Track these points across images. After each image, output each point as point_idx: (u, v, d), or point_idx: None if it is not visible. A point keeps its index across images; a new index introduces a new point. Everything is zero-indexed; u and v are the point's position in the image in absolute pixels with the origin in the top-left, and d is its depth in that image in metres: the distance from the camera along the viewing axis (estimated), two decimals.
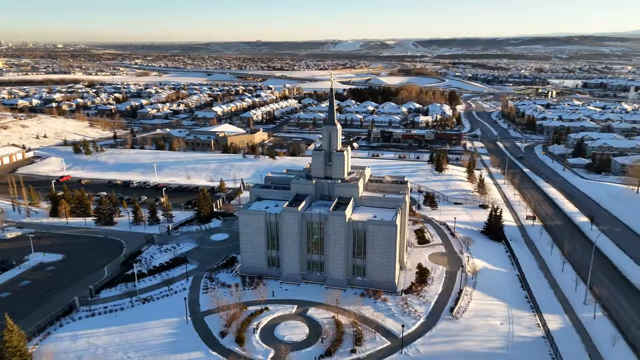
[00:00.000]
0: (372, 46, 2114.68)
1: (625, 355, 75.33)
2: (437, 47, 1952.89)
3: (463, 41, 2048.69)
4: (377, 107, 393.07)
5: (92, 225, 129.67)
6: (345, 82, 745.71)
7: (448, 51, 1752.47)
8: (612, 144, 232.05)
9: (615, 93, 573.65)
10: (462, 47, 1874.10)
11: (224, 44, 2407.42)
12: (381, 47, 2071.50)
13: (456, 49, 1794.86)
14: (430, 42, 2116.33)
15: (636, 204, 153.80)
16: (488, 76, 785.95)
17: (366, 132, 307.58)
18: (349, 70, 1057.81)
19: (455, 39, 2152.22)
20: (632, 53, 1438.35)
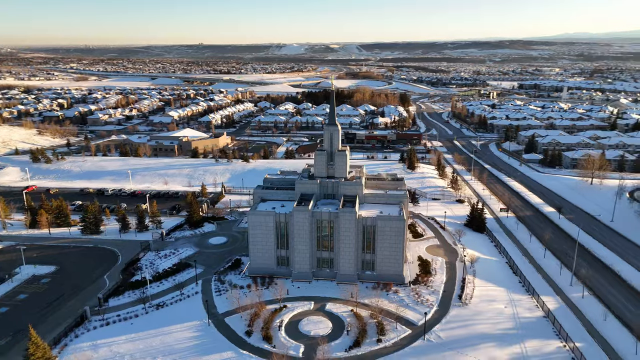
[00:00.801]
0: (317, 50, 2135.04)
1: (617, 328, 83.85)
2: (379, 51, 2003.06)
3: (404, 45, 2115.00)
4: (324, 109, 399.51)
5: (77, 234, 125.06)
6: (296, 86, 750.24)
7: (390, 55, 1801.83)
8: (560, 140, 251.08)
9: (549, 93, 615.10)
10: (403, 50, 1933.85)
11: (165, 47, 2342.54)
12: (326, 50, 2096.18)
13: (398, 53, 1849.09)
14: (373, 46, 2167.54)
15: (591, 194, 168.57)
16: (432, 79, 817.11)
17: None
18: (297, 74, 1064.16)
19: (396, 43, 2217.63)
20: (557, 56, 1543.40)
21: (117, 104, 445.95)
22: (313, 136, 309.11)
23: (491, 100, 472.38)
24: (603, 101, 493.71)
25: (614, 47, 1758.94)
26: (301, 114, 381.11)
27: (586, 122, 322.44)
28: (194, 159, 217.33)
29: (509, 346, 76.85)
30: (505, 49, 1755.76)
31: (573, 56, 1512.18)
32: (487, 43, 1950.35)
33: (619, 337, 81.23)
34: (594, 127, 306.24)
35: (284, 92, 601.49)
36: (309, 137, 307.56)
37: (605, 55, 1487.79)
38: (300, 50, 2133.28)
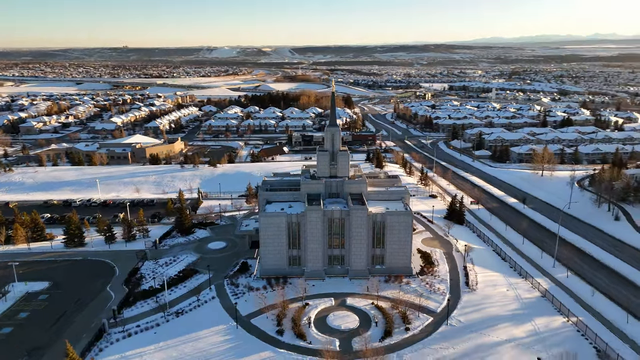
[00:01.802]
0: (250, 53, 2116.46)
1: (605, 303, 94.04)
2: (312, 54, 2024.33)
3: (336, 49, 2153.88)
4: (283, 112, 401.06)
5: (60, 248, 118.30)
6: (235, 89, 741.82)
7: (323, 58, 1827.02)
8: (504, 137, 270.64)
9: (478, 94, 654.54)
10: (335, 54, 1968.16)
11: (85, 50, 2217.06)
12: (258, 54, 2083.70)
13: (330, 56, 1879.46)
14: (305, 50, 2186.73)
15: (543, 184, 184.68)
16: (368, 81, 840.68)
17: (285, 136, 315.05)
18: (233, 77, 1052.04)
19: (328, 46, 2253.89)
20: (477, 59, 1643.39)
21: (49, 110, 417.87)
22: (268, 139, 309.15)
23: (427, 102, 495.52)
24: (525, 101, 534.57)
25: (526, 50, 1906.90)
26: (252, 117, 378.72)
27: (520, 120, 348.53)
28: (158, 166, 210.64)
29: (521, 324, 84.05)
30: (431, 53, 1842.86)
31: (491, 59, 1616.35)
32: (414, 47, 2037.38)
33: (608, 309, 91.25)
34: (528, 125, 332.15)
35: (226, 96, 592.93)
36: (264, 140, 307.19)
37: (520, 58, 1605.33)
38: (232, 53, 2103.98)
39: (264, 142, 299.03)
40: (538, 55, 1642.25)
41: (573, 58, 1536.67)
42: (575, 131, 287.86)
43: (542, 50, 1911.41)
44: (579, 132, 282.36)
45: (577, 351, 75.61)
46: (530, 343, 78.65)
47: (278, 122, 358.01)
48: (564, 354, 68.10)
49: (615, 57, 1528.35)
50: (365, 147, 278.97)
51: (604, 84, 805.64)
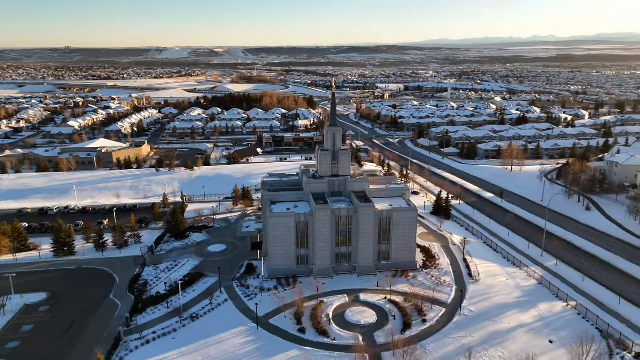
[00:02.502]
0: (201, 54, 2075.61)
1: (595, 287, 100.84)
2: (265, 55, 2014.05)
3: (289, 50, 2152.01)
4: (247, 114, 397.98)
5: (49, 258, 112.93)
6: (191, 90, 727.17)
7: (277, 59, 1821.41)
8: (469, 134, 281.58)
9: (433, 94, 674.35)
10: (289, 55, 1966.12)
11: (23, 51, 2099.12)
12: (210, 54, 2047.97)
13: (284, 57, 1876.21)
14: (259, 50, 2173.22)
15: (514, 179, 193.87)
16: (326, 82, 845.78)
17: (253, 138, 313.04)
18: (187, 78, 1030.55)
19: (282, 47, 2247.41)
20: (427, 60, 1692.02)
21: None
22: (236, 141, 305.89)
23: (387, 102, 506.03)
24: (478, 100, 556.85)
25: (473, 52, 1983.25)
26: (216, 119, 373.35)
27: (479, 118, 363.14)
28: (132, 170, 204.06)
29: (527, 311, 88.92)
30: (383, 54, 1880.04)
31: (440, 60, 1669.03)
32: (367, 48, 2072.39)
33: (599, 293, 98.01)
34: (487, 123, 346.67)
35: (183, 98, 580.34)
36: (233, 142, 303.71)
37: (467, 59, 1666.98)
38: (183, 54, 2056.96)
39: (233, 143, 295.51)
40: (484, 57, 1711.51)
41: (516, 59, 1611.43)
42: (532, 128, 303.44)
43: (487, 51, 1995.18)
44: (536, 129, 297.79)
45: (581, 333, 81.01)
46: (539, 327, 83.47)
47: (245, 124, 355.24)
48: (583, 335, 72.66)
49: (554, 57, 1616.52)
50: None
51: (547, 83, 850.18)
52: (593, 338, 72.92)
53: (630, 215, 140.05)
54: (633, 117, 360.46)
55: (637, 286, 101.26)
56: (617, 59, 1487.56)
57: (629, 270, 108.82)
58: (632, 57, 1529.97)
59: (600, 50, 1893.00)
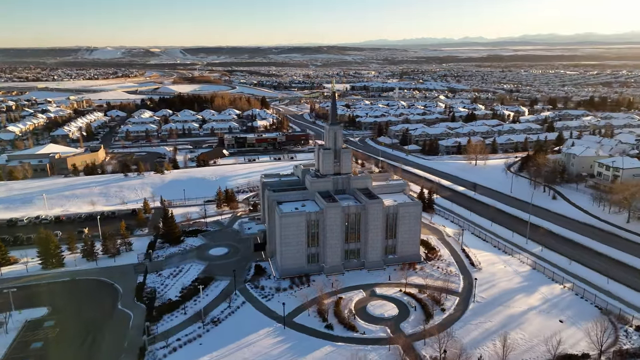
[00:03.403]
0: (136, 54, 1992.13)
1: (582, 269, 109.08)
2: (205, 55, 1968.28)
3: (230, 50, 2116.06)
4: (202, 115, 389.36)
5: (36, 270, 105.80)
6: (132, 92, 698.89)
7: (217, 59, 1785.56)
8: (428, 132, 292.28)
9: (379, 94, 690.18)
10: (229, 55, 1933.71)
11: None
12: (146, 55, 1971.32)
13: (224, 57, 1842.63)
14: (198, 50, 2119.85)
15: (480, 172, 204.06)
16: (273, 82, 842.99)
17: (212, 139, 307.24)
18: (125, 80, 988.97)
19: (221, 47, 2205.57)
20: (367, 60, 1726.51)
21: None
22: (194, 143, 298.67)
23: (340, 102, 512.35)
24: (423, 98, 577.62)
25: (410, 52, 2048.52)
26: (170, 121, 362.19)
27: (432, 116, 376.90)
28: (97, 176, 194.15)
29: (532, 294, 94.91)
30: (324, 54, 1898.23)
31: (380, 60, 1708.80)
32: (308, 48, 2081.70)
33: (587, 274, 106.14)
34: (440, 120, 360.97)
35: (128, 99, 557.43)
36: (192, 144, 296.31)
37: (405, 59, 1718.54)
38: (116, 54, 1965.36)
39: (193, 146, 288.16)
40: (420, 57, 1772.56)
41: (450, 59, 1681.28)
42: (483, 124, 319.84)
43: (423, 52, 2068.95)
44: (487, 125, 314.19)
45: (583, 312, 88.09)
46: (547, 309, 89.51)
47: (201, 125, 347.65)
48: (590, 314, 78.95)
49: (485, 58, 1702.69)
50: (300, 147, 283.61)
51: (482, 82, 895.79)
52: (609, 313, 79.24)
53: (594, 202, 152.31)
54: (569, 113, 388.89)
55: (619, 266, 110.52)
56: (541, 59, 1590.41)
57: (606, 252, 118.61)
58: (553, 57, 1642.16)
59: (526, 50, 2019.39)
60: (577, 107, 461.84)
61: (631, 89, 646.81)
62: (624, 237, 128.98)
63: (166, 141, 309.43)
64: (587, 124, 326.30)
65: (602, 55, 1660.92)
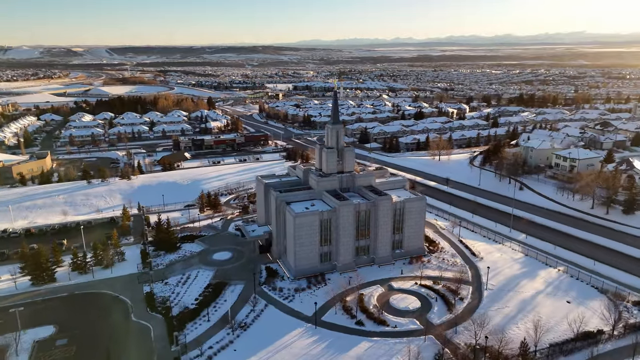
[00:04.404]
0: (57, 53, 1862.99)
1: (567, 253, 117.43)
2: (133, 54, 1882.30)
3: (161, 49, 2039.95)
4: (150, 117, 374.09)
5: (26, 287, 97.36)
6: (60, 94, 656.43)
7: (147, 59, 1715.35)
8: (385, 130, 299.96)
9: (323, 94, 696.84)
10: (161, 54, 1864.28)
11: None
12: (68, 54, 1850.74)
13: (155, 57, 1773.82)
14: (126, 50, 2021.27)
15: (446, 167, 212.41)
16: (213, 82, 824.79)
17: (165, 142, 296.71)
18: (48, 81, 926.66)
19: (152, 47, 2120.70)
20: (304, 60, 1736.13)
21: None
22: (147, 146, 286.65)
23: (281, 101, 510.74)
24: (365, 98, 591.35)
25: (345, 52, 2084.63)
26: (116, 124, 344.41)
27: (382, 114, 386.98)
28: (56, 185, 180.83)
29: (534, 279, 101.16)
30: (260, 54, 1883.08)
31: (316, 60, 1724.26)
32: (243, 48, 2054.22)
33: (573, 257, 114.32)
34: (391, 118, 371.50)
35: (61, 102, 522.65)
36: (144, 147, 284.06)
37: (340, 59, 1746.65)
38: (33, 53, 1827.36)
39: (147, 149, 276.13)
40: (355, 57, 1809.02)
41: (383, 59, 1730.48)
42: (434, 122, 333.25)
43: (357, 52, 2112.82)
44: (439, 122, 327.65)
45: (584, 292, 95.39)
46: (552, 292, 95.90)
47: (151, 128, 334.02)
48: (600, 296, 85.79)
49: (416, 58, 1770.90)
50: (260, 148, 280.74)
51: (416, 81, 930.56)
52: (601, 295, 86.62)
53: (558, 191, 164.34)
54: (507, 109, 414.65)
55: (597, 249, 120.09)
56: (466, 59, 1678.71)
57: (582, 236, 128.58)
58: (477, 57, 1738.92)
59: (452, 51, 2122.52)
60: (509, 104, 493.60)
61: (551, 87, 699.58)
62: (591, 222, 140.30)
63: (115, 145, 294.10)
64: (526, 119, 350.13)
65: (520, 55, 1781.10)
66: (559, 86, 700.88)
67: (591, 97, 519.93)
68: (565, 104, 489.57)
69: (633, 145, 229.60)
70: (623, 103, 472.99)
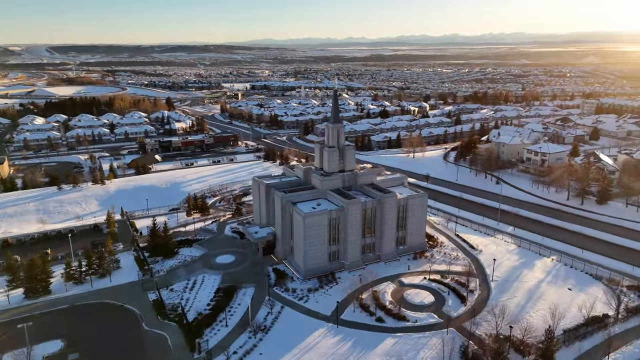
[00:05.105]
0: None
1: (554, 242, 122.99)
2: (77, 54, 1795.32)
3: (106, 48, 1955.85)
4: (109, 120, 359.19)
5: (18, 301, 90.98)
6: (2, 96, 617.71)
7: (92, 58, 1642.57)
8: (355, 128, 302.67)
9: (283, 93, 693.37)
10: (106, 54, 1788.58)
11: None
12: (5, 54, 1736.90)
13: (100, 56, 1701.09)
14: (68, 49, 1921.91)
15: (421, 164, 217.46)
16: (166, 82, 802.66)
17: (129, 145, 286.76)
18: None
19: (96, 45, 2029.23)
20: (257, 60, 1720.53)
21: None
22: (109, 149, 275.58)
23: (242, 101, 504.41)
24: (324, 97, 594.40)
25: (298, 51, 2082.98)
26: (72, 127, 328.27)
27: (348, 113, 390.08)
28: (23, 192, 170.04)
29: (533, 268, 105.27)
30: (212, 53, 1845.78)
31: (270, 59, 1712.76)
32: (194, 47, 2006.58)
33: (561, 247, 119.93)
34: (357, 117, 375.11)
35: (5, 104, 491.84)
36: (107, 150, 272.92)
37: (294, 58, 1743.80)
38: None
39: (111, 153, 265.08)
40: (309, 56, 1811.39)
41: (337, 58, 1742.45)
42: (399, 120, 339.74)
43: (311, 51, 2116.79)
44: (406, 121, 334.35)
45: (580, 279, 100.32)
46: (553, 280, 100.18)
47: (112, 130, 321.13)
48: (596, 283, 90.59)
49: (369, 57, 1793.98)
50: (230, 148, 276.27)
51: (372, 80, 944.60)
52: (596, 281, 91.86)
53: (533, 184, 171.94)
54: (467, 107, 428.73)
55: (580, 237, 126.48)
56: (417, 58, 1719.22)
57: (564, 226, 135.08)
58: (427, 57, 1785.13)
59: (403, 50, 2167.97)
60: (465, 101, 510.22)
61: (500, 85, 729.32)
62: (569, 212, 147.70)
63: (75, 149, 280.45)
64: (486, 116, 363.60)
65: (467, 54, 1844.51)
66: (507, 84, 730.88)
67: (539, 95, 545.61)
68: (516, 101, 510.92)
69: (591, 140, 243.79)
70: (569, 99, 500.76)
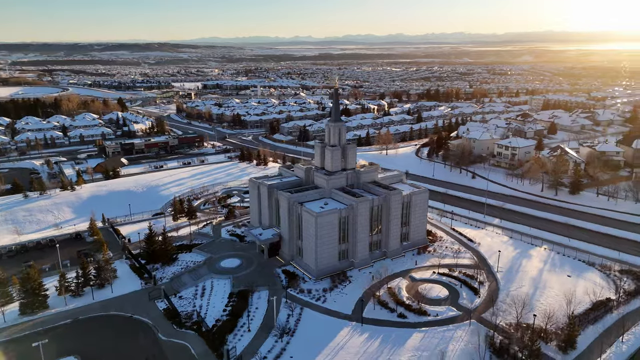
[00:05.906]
0: None
1: (542, 233, 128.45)
2: (7, 52, 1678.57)
3: (40, 46, 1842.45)
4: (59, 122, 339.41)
5: (15, 318, 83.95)
6: None
7: (25, 57, 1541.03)
8: (322, 127, 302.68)
9: (237, 92, 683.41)
10: (40, 52, 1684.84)
11: None
12: None
13: (34, 55, 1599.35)
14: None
15: (395, 160, 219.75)
16: (112, 82, 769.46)
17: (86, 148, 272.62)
18: None
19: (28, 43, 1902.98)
20: (205, 58, 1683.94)
21: None
22: (65, 153, 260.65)
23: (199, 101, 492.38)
24: (281, 96, 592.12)
25: (246, 50, 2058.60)
26: (15, 132, 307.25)
27: (311, 112, 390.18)
28: None
29: (530, 258, 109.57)
30: (156, 52, 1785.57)
31: (218, 58, 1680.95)
32: (137, 45, 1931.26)
33: (551, 237, 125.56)
34: (319, 116, 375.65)
35: None
36: (64, 154, 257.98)
37: (243, 57, 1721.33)
38: None
39: (68, 157, 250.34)
40: (258, 55, 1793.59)
41: (286, 57, 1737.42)
42: (363, 118, 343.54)
43: (259, 50, 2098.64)
44: (369, 119, 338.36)
45: (575, 266, 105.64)
46: (550, 268, 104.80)
47: (66, 133, 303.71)
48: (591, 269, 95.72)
49: (318, 56, 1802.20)
50: (196, 150, 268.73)
51: (324, 79, 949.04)
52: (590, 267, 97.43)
53: (507, 178, 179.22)
54: (424, 104, 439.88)
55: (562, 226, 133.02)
56: (364, 57, 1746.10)
57: (545, 216, 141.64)
58: (374, 56, 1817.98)
59: (351, 49, 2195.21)
60: (419, 99, 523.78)
61: (447, 83, 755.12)
62: (545, 203, 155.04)
63: (27, 154, 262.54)
64: (444, 113, 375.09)
65: (413, 53, 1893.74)
66: (454, 82, 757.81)
67: (487, 92, 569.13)
68: (466, 99, 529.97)
69: (549, 134, 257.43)
70: (514, 96, 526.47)
